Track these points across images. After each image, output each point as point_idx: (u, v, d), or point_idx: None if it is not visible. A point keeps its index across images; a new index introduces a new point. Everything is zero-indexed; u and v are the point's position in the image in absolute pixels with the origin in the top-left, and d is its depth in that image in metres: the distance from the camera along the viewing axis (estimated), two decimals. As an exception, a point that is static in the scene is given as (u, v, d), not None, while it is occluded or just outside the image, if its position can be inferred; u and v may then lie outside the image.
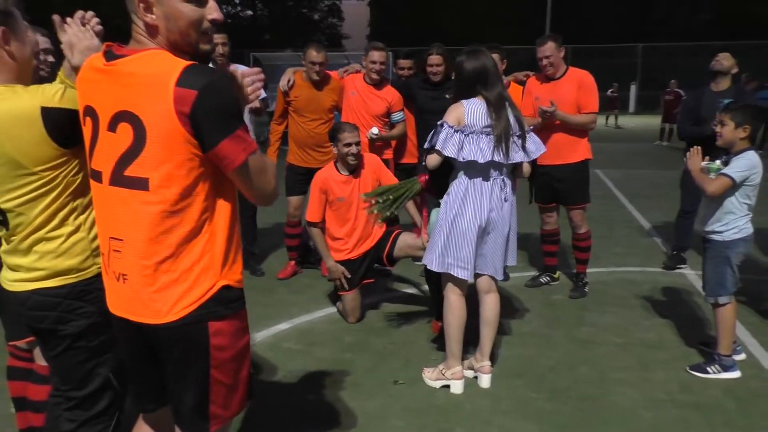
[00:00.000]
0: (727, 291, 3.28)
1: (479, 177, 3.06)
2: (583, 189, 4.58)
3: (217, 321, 1.55)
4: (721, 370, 3.31)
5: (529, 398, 3.10)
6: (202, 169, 1.48)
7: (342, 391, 3.17)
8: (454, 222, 3.09)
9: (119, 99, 1.46)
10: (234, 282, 1.60)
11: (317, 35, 41.13)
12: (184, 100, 1.38)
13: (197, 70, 1.42)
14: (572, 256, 4.86)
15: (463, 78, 3.11)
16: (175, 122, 1.40)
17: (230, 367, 1.61)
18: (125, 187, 1.49)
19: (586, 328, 4.02)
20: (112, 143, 1.49)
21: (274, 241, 6.14)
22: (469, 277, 3.13)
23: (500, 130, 2.99)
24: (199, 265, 1.53)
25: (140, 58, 1.46)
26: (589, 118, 4.42)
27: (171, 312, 1.51)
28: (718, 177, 3.20)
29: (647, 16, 34.22)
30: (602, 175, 10.31)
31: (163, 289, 1.51)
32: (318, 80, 4.80)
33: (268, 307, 4.42)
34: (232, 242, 1.59)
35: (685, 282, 4.93)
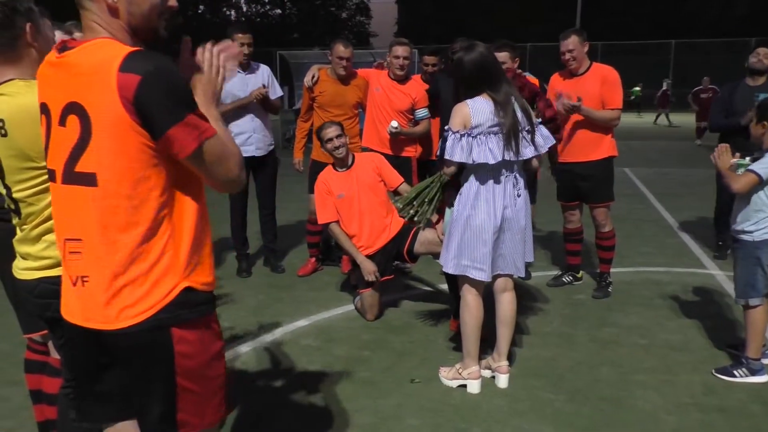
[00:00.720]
0: (758, 292, 3.17)
1: (491, 176, 3.01)
2: (607, 187, 4.49)
3: (180, 327, 1.44)
4: (749, 373, 3.21)
5: (547, 399, 3.05)
6: (155, 161, 1.38)
7: (358, 389, 3.16)
8: (467, 222, 3.04)
9: (67, 91, 1.39)
10: (200, 285, 1.48)
11: (345, 33, 41.26)
12: (127, 86, 1.31)
13: (141, 54, 1.35)
14: (596, 256, 4.77)
15: (464, 76, 3.01)
16: (119, 110, 1.32)
17: (199, 374, 1.49)
18: (76, 184, 1.41)
19: (609, 328, 3.94)
20: (63, 138, 1.41)
21: (295, 238, 6.16)
22: (487, 278, 3.08)
23: (509, 128, 2.92)
24: (158, 266, 1.42)
25: (87, 48, 1.39)
26: (613, 114, 4.33)
27: (129, 317, 1.40)
28: (744, 173, 3.11)
29: (679, 13, 33.49)
30: (630, 174, 10.12)
31: (120, 293, 1.41)
32: (344, 76, 4.80)
33: (288, 304, 4.44)
34: (199, 241, 1.49)
35: (713, 283, 4.80)
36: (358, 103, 4.98)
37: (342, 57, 4.73)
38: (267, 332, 3.91)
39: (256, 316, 4.20)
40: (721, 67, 24.87)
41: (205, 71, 1.52)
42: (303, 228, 6.25)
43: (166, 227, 1.43)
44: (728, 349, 3.53)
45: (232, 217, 5.05)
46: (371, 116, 4.92)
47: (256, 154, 4.87)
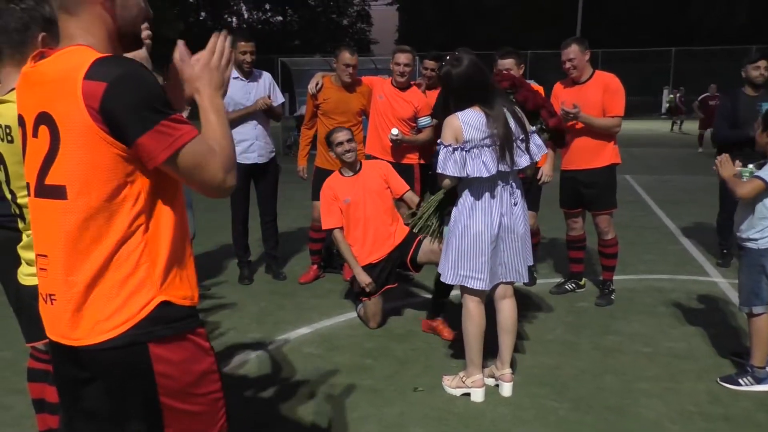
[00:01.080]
0: (763, 301, 3.16)
1: (486, 186, 3.00)
2: (610, 194, 4.49)
3: (158, 344, 1.35)
4: (754, 382, 3.19)
5: (551, 407, 3.03)
6: (127, 171, 1.31)
7: (362, 398, 3.14)
8: (464, 232, 3.04)
9: (38, 101, 1.33)
10: (178, 299, 1.40)
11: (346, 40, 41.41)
12: (93, 94, 1.25)
13: (110, 60, 1.28)
14: (599, 263, 4.76)
15: (454, 88, 2.99)
16: (86, 120, 1.26)
17: (186, 393, 1.40)
18: (46, 198, 1.34)
19: (612, 336, 3.93)
20: (36, 150, 1.35)
21: (296, 245, 6.16)
22: (486, 286, 3.08)
23: (502, 140, 2.90)
24: (133, 279, 1.34)
25: (59, 56, 1.33)
26: (614, 121, 4.33)
27: (103, 332, 1.33)
28: (750, 180, 3.11)
29: (680, 20, 33.57)
30: (632, 181, 10.12)
31: (92, 307, 1.34)
32: (349, 83, 4.82)
33: (290, 311, 4.43)
34: (178, 252, 1.42)
35: (717, 290, 4.79)
36: (361, 110, 4.98)
37: (348, 64, 4.75)
38: (269, 340, 3.90)
39: (258, 323, 4.19)
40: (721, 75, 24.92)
41: (214, 59, 1.46)
42: (304, 235, 6.25)
43: (140, 239, 1.36)
44: (733, 358, 3.51)
45: (234, 224, 5.05)
46: (374, 124, 4.93)
47: (258, 162, 4.88)
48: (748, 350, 3.30)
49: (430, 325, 3.99)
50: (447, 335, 3.87)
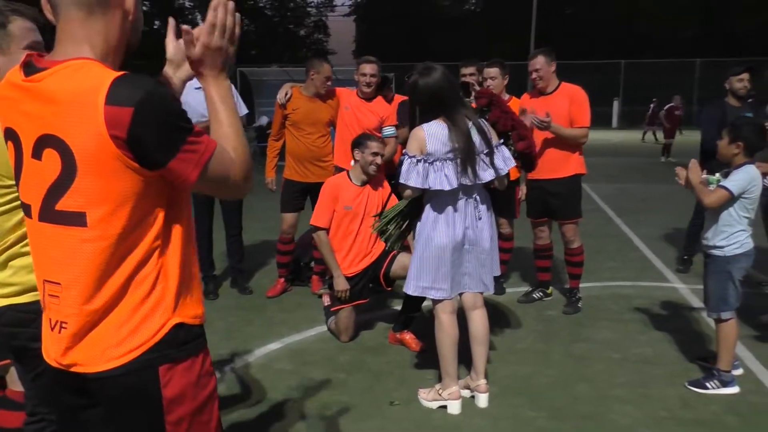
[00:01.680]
0: (730, 307, 3.25)
1: (450, 199, 3.01)
2: (576, 203, 4.56)
3: (169, 367, 1.31)
4: (721, 385, 3.27)
5: (528, 417, 3.04)
6: (149, 193, 1.26)
7: (337, 413, 3.09)
8: (426, 244, 3.04)
9: (42, 121, 1.23)
10: (190, 318, 1.36)
11: (303, 51, 41.29)
12: (118, 122, 1.16)
13: (128, 81, 1.19)
14: (565, 271, 4.83)
15: (419, 100, 3.00)
16: (110, 148, 1.18)
17: (191, 420, 1.36)
18: (58, 224, 1.26)
19: (582, 344, 3.98)
20: (38, 173, 1.26)
21: (262, 258, 6.05)
22: (447, 296, 3.08)
23: (464, 154, 2.90)
24: (148, 302, 1.30)
25: (63, 72, 1.22)
26: (582, 132, 4.42)
27: (113, 357, 1.28)
28: (716, 189, 3.19)
29: (630, 34, 34.72)
30: (590, 190, 10.34)
31: (106, 333, 1.28)
32: (321, 94, 4.81)
33: (259, 327, 4.33)
34: (189, 272, 1.37)
35: (678, 296, 4.91)
36: (330, 120, 4.95)
37: (329, 77, 4.78)
38: (239, 357, 3.80)
39: (227, 339, 4.08)
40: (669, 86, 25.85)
41: (216, 36, 1.34)
42: (269, 248, 6.16)
43: (156, 261, 1.30)
44: (699, 362, 3.60)
45: (198, 238, 4.90)
46: (341, 135, 4.90)
47: (222, 174, 4.78)
48: (714, 354, 3.39)
49: (396, 338, 3.96)
50: (414, 347, 3.85)
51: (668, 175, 4.73)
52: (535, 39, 24.60)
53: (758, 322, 4.23)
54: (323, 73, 4.74)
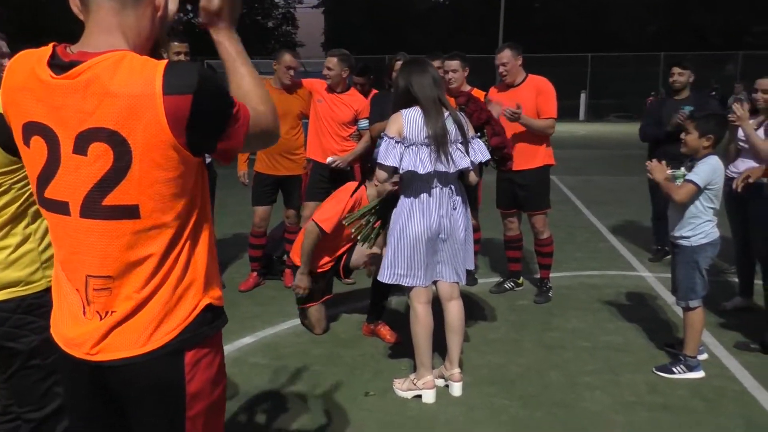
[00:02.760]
0: (697, 295, 3.34)
1: (425, 187, 3.05)
2: (544, 195, 4.63)
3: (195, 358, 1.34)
4: (687, 370, 3.37)
5: (502, 406, 3.09)
6: (193, 179, 1.29)
7: (313, 406, 3.09)
8: (402, 232, 3.07)
9: (87, 115, 1.20)
10: (216, 300, 1.40)
11: (272, 43, 40.86)
12: (179, 110, 1.18)
13: (179, 69, 1.21)
14: (535, 262, 4.90)
15: (399, 88, 3.09)
16: (167, 136, 1.20)
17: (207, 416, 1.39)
18: (107, 219, 1.25)
19: (553, 332, 4.05)
20: (82, 168, 1.23)
21: (234, 252, 5.99)
22: (423, 283, 3.12)
23: (437, 141, 2.96)
24: (182, 283, 1.33)
25: (105, 63, 1.20)
26: (549, 123, 4.48)
27: (148, 342, 1.30)
28: (683, 184, 3.26)
29: (597, 27, 35.22)
30: (558, 181, 10.48)
31: (149, 316, 1.30)
32: (289, 85, 4.76)
33: (232, 321, 4.20)
34: (213, 252, 1.41)
35: (645, 285, 5.03)
36: (301, 113, 4.92)
37: (290, 66, 4.70)
38: (212, 351, 3.77)
39: (199, 334, 4.04)
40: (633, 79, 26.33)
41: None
42: (240, 242, 6.11)
43: (190, 244, 1.33)
44: (666, 348, 3.69)
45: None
46: (314, 128, 4.88)
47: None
48: (681, 340, 3.48)
49: (370, 329, 3.98)
50: (389, 338, 3.87)
51: (635, 166, 4.84)
52: (503, 32, 24.79)
53: (722, 308, 4.36)
54: (283, 63, 4.70)
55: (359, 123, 4.84)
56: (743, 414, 2.98)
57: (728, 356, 3.62)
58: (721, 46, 28.09)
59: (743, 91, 13.68)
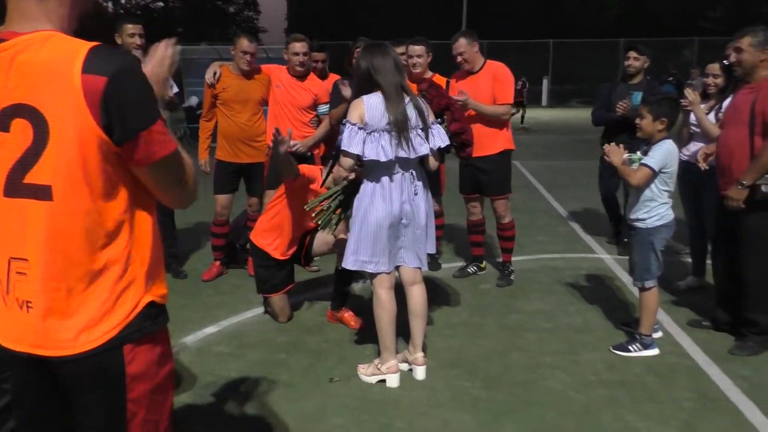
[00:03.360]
0: (653, 276, 3.45)
1: (387, 173, 3.06)
2: (505, 179, 4.68)
3: (137, 344, 1.34)
4: (642, 348, 3.48)
5: (464, 388, 3.14)
6: (116, 168, 1.27)
7: (278, 393, 3.09)
8: (364, 219, 3.08)
9: (11, 91, 1.22)
10: (159, 297, 1.40)
11: (233, 28, 40.14)
12: (93, 89, 1.18)
13: (105, 52, 1.22)
14: (498, 246, 4.97)
15: (360, 73, 3.08)
16: (85, 116, 1.20)
17: (151, 399, 1.39)
18: (26, 197, 1.24)
19: (515, 315, 4.12)
20: (5, 145, 1.24)
21: (196, 242, 5.92)
22: (386, 269, 3.14)
23: (398, 127, 2.97)
24: (122, 281, 1.32)
25: (31, 42, 1.22)
26: (504, 108, 4.52)
27: (89, 341, 1.29)
28: (639, 168, 3.34)
29: (558, 14, 35.60)
30: (521, 167, 10.62)
31: (77, 314, 1.28)
32: (247, 71, 4.69)
33: (194, 310, 4.25)
34: (158, 251, 1.40)
35: (604, 266, 5.15)
36: (262, 98, 4.87)
37: (246, 51, 4.63)
38: (175, 341, 3.71)
39: (161, 325, 3.99)
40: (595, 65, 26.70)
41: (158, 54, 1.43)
42: (203, 231, 6.04)
43: (126, 240, 1.32)
44: (623, 327, 3.80)
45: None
46: (273, 114, 4.83)
47: (152, 156, 4.63)
48: (636, 320, 3.59)
49: (335, 315, 3.99)
50: (353, 324, 3.89)
51: (596, 151, 4.94)
52: (466, 18, 24.85)
53: (676, 288, 4.50)
54: (239, 47, 4.64)
55: (318, 108, 4.82)
56: (695, 388, 3.09)
57: (681, 333, 3.74)
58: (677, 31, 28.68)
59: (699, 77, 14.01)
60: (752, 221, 3.39)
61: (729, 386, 3.10)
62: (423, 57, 4.58)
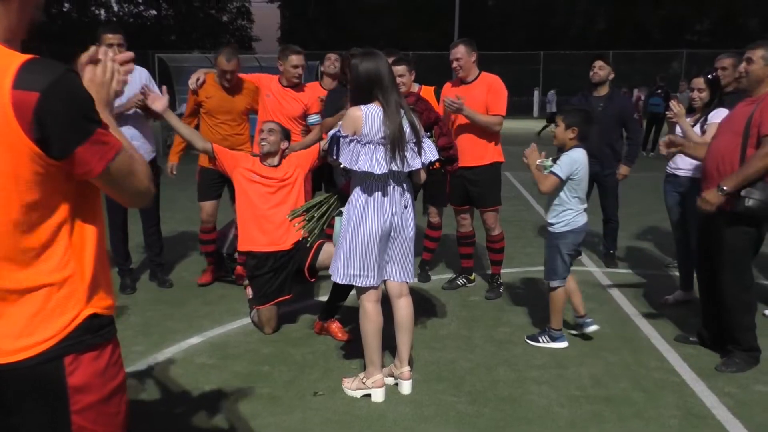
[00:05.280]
0: (558, 276, 3.68)
1: (379, 185, 3.03)
2: (495, 192, 4.68)
3: (78, 355, 1.31)
4: (550, 340, 3.76)
5: (450, 402, 3.10)
6: (52, 181, 1.24)
7: (260, 406, 3.04)
8: (355, 231, 3.05)
9: None
10: (103, 309, 1.36)
11: (227, 37, 40.13)
12: (24, 105, 1.16)
13: (37, 65, 1.19)
14: (487, 258, 4.95)
15: (359, 81, 3.03)
16: (15, 131, 1.17)
17: (99, 412, 1.34)
18: None
19: (503, 328, 4.10)
20: None
21: (181, 250, 5.87)
22: (374, 283, 3.11)
23: (393, 140, 2.95)
24: (59, 293, 1.29)
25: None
26: (496, 119, 4.52)
27: (24, 348, 1.26)
28: (548, 176, 3.54)
29: (548, 26, 35.86)
30: (512, 177, 10.64)
31: (13, 323, 1.26)
32: (228, 87, 4.67)
33: (179, 321, 4.20)
34: (101, 262, 1.37)
35: (592, 279, 5.14)
36: (247, 109, 4.84)
37: (225, 70, 4.60)
38: (157, 352, 3.68)
39: (144, 335, 3.94)
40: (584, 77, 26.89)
41: (99, 72, 1.38)
42: (188, 239, 6.00)
43: (64, 250, 1.29)
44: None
45: (112, 231, 4.68)
46: (263, 122, 4.80)
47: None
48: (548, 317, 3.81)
49: (322, 326, 3.95)
50: (340, 336, 3.85)
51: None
52: (458, 29, 24.97)
53: (663, 302, 4.50)
54: (218, 66, 4.61)
55: (308, 118, 4.80)
56: (681, 405, 3.07)
57: (668, 349, 3.73)
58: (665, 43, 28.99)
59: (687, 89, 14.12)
60: (730, 237, 3.36)
61: (715, 403, 3.08)
62: (406, 76, 4.53)
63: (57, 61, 1.23)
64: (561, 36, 33.33)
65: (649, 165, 11.13)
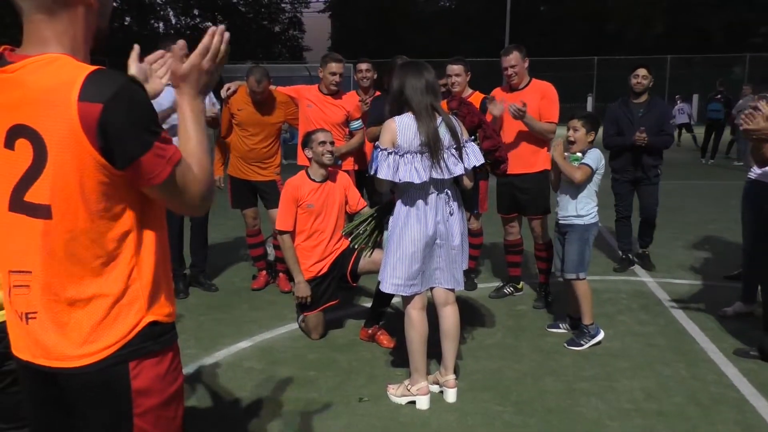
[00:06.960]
0: (585, 268, 3.82)
1: (421, 194, 3.03)
2: (544, 199, 4.61)
3: (140, 360, 1.34)
4: (591, 338, 3.84)
5: (495, 412, 3.06)
6: (117, 190, 1.28)
7: (306, 411, 3.08)
8: (400, 240, 3.05)
9: (14, 112, 1.25)
10: (163, 317, 1.39)
11: (278, 47, 40.98)
12: (89, 116, 1.19)
13: (101, 77, 1.22)
14: (535, 266, 4.87)
15: (392, 91, 3.06)
16: (81, 141, 1.21)
17: (158, 415, 1.38)
18: (26, 214, 1.28)
19: (551, 338, 4.02)
20: (11, 162, 1.27)
21: (231, 255, 6.00)
22: (419, 290, 3.11)
23: (431, 148, 2.94)
24: (123, 300, 1.32)
25: (35, 65, 1.25)
26: (551, 127, 4.47)
27: (89, 354, 1.30)
28: (581, 166, 3.71)
29: (602, 31, 35.14)
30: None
31: (78, 329, 1.30)
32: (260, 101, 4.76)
33: (227, 325, 4.30)
34: (162, 271, 1.39)
35: (646, 290, 4.99)
36: (279, 123, 4.94)
37: (255, 91, 4.69)
38: (208, 355, 3.77)
39: (196, 338, 4.04)
40: (641, 83, 26.13)
41: (207, 59, 1.39)
42: (233, 244, 6.14)
43: (128, 259, 1.33)
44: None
45: (169, 235, 4.83)
46: (306, 132, 4.88)
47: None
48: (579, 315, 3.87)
49: (368, 333, 3.96)
50: (387, 343, 3.85)
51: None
52: (509, 36, 24.75)
53: (722, 314, 4.31)
54: (248, 85, 4.69)
55: (351, 124, 4.86)
56: (739, 421, 2.94)
57: (727, 363, 3.58)
58: (726, 48, 27.96)
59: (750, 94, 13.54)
60: None
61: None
62: (461, 76, 4.58)
63: (121, 72, 1.27)
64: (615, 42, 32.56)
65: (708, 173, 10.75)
